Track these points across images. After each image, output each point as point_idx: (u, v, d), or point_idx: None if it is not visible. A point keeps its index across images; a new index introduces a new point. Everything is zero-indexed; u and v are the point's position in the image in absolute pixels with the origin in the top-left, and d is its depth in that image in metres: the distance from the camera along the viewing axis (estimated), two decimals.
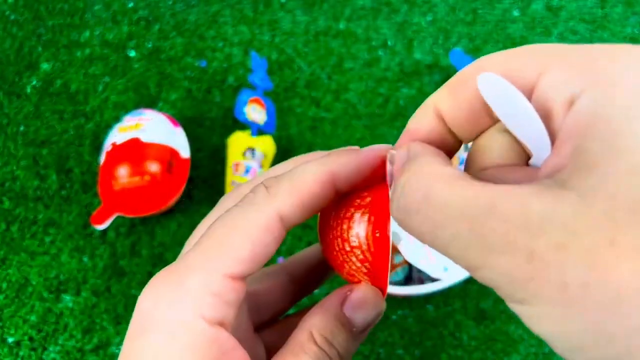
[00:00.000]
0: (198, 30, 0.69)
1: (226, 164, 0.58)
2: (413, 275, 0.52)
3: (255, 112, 0.58)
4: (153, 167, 0.53)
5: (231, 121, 0.62)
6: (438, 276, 0.48)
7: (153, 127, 0.55)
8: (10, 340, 0.53)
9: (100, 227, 0.54)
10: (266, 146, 0.58)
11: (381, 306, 0.19)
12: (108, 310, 0.53)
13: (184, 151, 0.56)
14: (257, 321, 0.23)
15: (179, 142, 0.56)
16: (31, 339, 0.53)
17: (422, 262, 0.49)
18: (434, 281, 0.49)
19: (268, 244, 0.17)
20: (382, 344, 0.52)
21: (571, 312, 0.11)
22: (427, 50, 0.67)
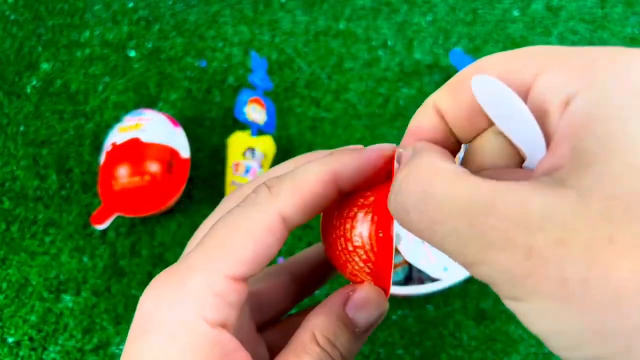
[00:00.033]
0: (198, 30, 0.69)
1: (226, 164, 0.58)
2: (413, 275, 0.52)
3: (255, 112, 0.58)
4: (153, 167, 0.53)
5: (231, 121, 0.62)
6: (438, 276, 0.48)
7: (153, 127, 0.55)
8: (10, 340, 0.53)
9: (100, 227, 0.54)
10: (266, 146, 0.58)
11: (384, 306, 0.19)
12: (108, 310, 0.53)
13: (184, 151, 0.56)
14: (259, 321, 0.22)
15: (179, 142, 0.56)
16: (31, 339, 0.53)
17: (422, 262, 0.49)
18: (434, 281, 0.49)
19: (270, 245, 0.17)
20: (382, 344, 0.52)
21: (570, 309, 0.11)
22: (427, 50, 0.67)
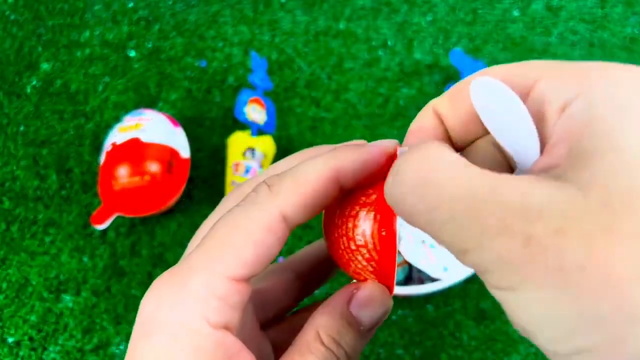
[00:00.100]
0: (198, 30, 0.69)
1: (226, 164, 0.58)
2: (413, 275, 0.52)
3: (255, 112, 0.58)
4: (153, 167, 0.53)
5: (231, 121, 0.62)
6: (438, 276, 0.49)
7: (153, 127, 0.55)
8: (10, 340, 0.53)
9: (100, 227, 0.54)
10: (266, 146, 0.58)
11: (388, 304, 0.19)
12: (108, 310, 0.53)
13: (184, 151, 0.56)
14: (263, 319, 0.22)
15: (179, 142, 0.56)
16: (31, 339, 0.53)
17: (422, 262, 0.49)
18: (434, 281, 0.49)
19: (271, 245, 0.17)
20: (382, 344, 0.52)
21: (565, 296, 0.11)
22: (427, 50, 0.67)
